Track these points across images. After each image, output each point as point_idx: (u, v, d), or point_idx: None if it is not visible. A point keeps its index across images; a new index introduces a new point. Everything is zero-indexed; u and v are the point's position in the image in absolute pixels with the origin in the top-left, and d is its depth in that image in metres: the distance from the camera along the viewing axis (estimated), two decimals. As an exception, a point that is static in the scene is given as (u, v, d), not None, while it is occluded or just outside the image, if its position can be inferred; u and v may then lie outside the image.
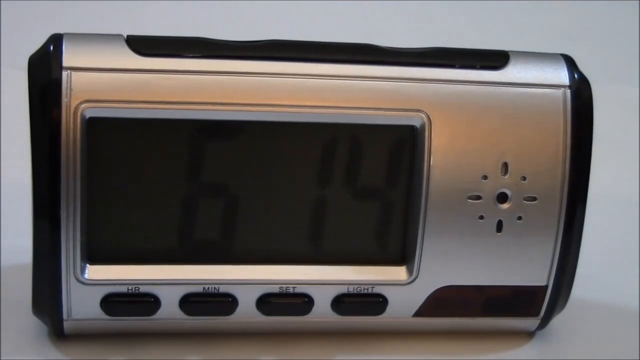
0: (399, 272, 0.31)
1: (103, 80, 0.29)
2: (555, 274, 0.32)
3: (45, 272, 0.30)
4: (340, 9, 0.65)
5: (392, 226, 0.31)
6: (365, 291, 0.31)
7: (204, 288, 0.31)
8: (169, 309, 0.31)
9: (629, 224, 0.46)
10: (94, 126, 0.29)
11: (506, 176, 0.31)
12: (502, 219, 0.31)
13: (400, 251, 0.31)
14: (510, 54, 0.32)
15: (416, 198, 0.31)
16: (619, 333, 0.36)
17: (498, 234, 0.31)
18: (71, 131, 0.29)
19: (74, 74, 0.29)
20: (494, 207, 0.31)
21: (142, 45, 0.30)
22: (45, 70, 0.29)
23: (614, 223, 0.46)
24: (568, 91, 0.31)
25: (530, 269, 0.32)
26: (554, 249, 0.31)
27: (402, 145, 0.31)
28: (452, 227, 0.31)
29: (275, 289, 0.31)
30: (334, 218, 0.31)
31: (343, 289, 0.31)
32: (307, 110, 0.30)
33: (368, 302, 0.32)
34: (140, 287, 0.30)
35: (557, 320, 0.34)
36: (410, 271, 0.31)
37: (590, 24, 0.69)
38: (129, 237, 0.30)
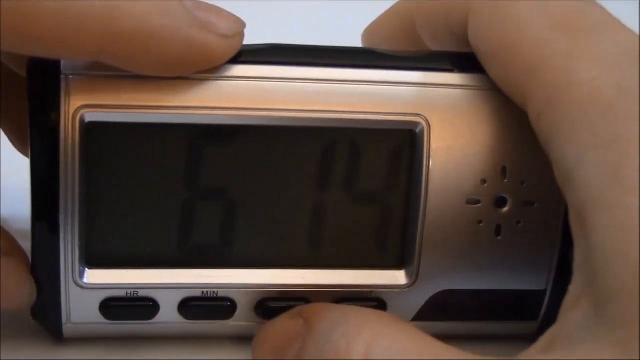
0: (397, 277, 0.31)
1: (102, 84, 0.29)
2: (554, 278, 0.32)
3: (44, 276, 0.30)
4: (340, 12, 0.65)
5: (391, 230, 0.31)
6: (364, 295, 0.31)
7: (202, 292, 0.31)
8: (168, 313, 0.31)
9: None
10: (92, 130, 0.29)
11: (505, 180, 0.31)
12: (501, 223, 0.31)
13: (399, 255, 0.31)
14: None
15: (415, 202, 0.31)
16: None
17: (497, 238, 0.31)
18: (70, 135, 0.29)
19: (73, 78, 0.29)
20: (493, 212, 0.31)
21: None
22: (43, 75, 0.29)
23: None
24: None
25: (529, 273, 0.32)
26: (553, 253, 0.31)
27: (401, 149, 0.31)
28: (451, 232, 0.31)
29: (274, 293, 0.31)
30: (333, 222, 0.31)
31: (342, 294, 0.31)
32: (305, 114, 0.30)
33: (367, 306, 0.31)
34: (139, 291, 0.30)
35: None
36: (409, 275, 0.31)
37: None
38: (128, 242, 0.30)
